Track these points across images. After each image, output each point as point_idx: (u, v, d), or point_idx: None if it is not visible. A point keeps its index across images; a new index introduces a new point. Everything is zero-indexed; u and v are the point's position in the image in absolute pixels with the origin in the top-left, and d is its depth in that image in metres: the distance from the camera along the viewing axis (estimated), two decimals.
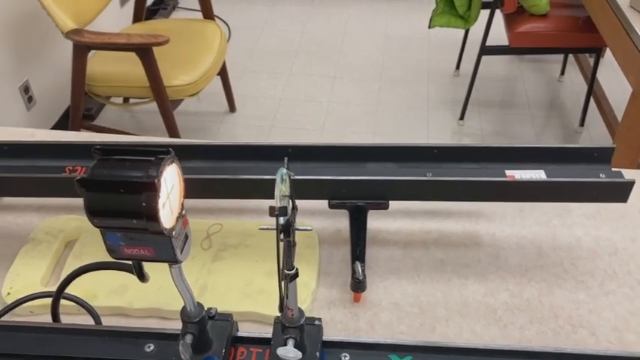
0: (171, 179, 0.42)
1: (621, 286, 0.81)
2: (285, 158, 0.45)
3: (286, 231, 0.43)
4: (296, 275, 0.46)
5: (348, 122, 2.60)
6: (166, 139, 0.88)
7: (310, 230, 0.46)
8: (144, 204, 0.39)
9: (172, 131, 2.12)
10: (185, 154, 0.85)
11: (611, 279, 0.82)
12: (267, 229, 0.43)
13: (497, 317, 0.78)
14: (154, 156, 0.41)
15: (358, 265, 0.78)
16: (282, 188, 0.42)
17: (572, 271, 0.83)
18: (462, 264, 0.85)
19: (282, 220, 0.42)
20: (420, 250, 0.87)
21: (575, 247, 0.87)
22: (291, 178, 0.44)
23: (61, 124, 2.47)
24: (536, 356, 0.58)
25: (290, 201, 0.43)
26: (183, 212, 0.44)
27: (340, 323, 0.78)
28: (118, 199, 0.40)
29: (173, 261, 0.44)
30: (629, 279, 0.82)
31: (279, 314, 0.52)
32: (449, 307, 0.79)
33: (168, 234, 0.42)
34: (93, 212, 0.41)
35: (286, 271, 0.45)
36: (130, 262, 0.47)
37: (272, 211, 0.41)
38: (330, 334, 0.76)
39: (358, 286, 0.77)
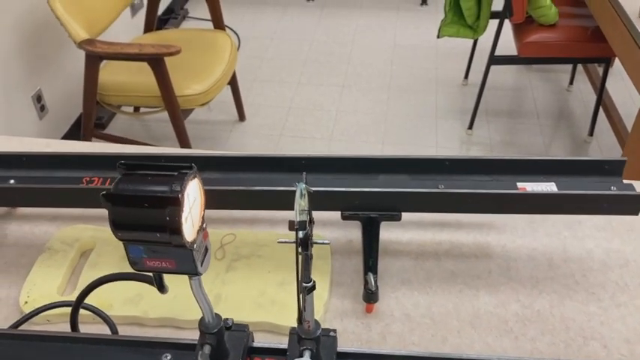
0: (193, 193, 0.43)
1: (633, 299, 0.81)
2: (304, 173, 0.46)
3: (304, 244, 0.44)
4: (313, 288, 0.47)
5: (357, 131, 2.61)
6: (180, 150, 0.90)
7: (328, 244, 0.46)
8: (167, 218, 0.40)
9: (183, 140, 2.14)
10: (198, 164, 0.86)
11: (622, 291, 0.82)
12: (286, 242, 0.44)
13: (509, 328, 0.78)
14: (177, 171, 0.42)
15: (371, 276, 0.78)
16: (301, 203, 0.43)
17: (584, 283, 0.84)
18: (473, 275, 0.85)
19: (301, 234, 0.43)
20: (431, 261, 0.87)
21: (586, 259, 0.87)
22: (310, 192, 0.44)
23: (73, 133, 2.50)
24: None
25: (307, 215, 0.44)
26: (204, 225, 0.45)
27: (352, 334, 0.78)
28: (142, 214, 0.41)
29: (194, 273, 0.45)
30: None
31: (292, 325, 0.53)
32: (460, 319, 0.79)
33: (190, 247, 0.43)
34: (118, 226, 0.42)
35: (304, 284, 0.46)
36: (149, 274, 0.48)
37: (292, 226, 0.42)
38: (342, 345, 0.77)
39: (371, 297, 0.78)
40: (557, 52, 2.27)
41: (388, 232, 0.92)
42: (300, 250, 0.44)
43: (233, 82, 2.45)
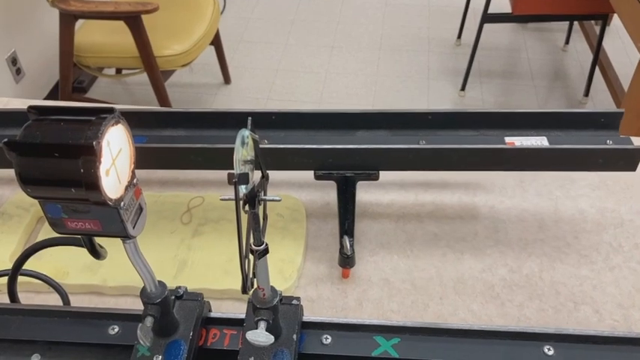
0: (117, 142, 0.37)
1: (627, 261, 0.76)
2: (249, 118, 0.39)
3: (251, 202, 0.37)
4: (266, 251, 0.41)
5: (347, 93, 2.53)
6: (139, 107, 0.83)
7: (279, 200, 0.40)
8: (82, 170, 0.34)
9: (164, 103, 2.06)
10: (162, 121, 0.80)
11: (616, 253, 0.77)
12: (228, 199, 0.38)
13: (495, 294, 0.73)
14: (96, 115, 0.35)
15: (346, 239, 0.72)
16: (243, 152, 0.36)
17: (575, 245, 0.78)
18: (457, 238, 0.80)
19: (243, 189, 0.36)
20: (413, 224, 0.82)
21: (578, 220, 0.82)
22: (256, 140, 0.38)
23: (52, 98, 2.41)
24: (535, 337, 0.53)
25: (254, 168, 0.38)
26: (135, 181, 0.39)
27: (327, 300, 0.73)
28: (52, 165, 0.34)
29: (124, 236, 0.39)
30: (636, 253, 0.77)
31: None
32: (443, 284, 0.74)
33: (115, 205, 0.36)
34: (25, 180, 0.35)
35: (254, 247, 0.40)
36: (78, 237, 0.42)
37: (230, 179, 0.35)
38: (316, 312, 0.72)
39: (346, 261, 0.72)
40: (553, 9, 2.18)
41: (368, 194, 0.86)
42: (246, 208, 0.38)
43: (217, 43, 2.35)
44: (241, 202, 0.38)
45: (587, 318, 0.70)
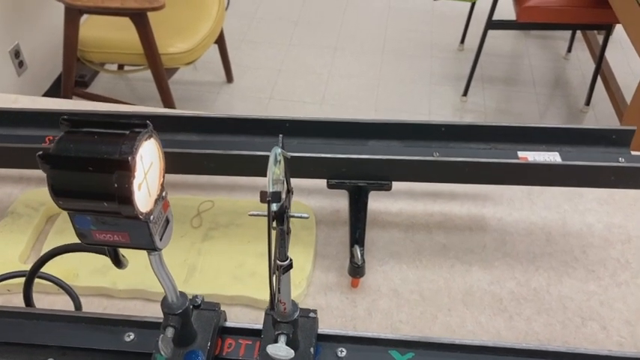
0: (149, 156, 0.37)
1: (635, 277, 0.77)
2: (281, 136, 0.39)
3: (279, 218, 0.38)
4: (290, 266, 0.41)
5: (349, 95, 2.53)
6: (153, 109, 0.83)
7: (307, 218, 0.40)
8: (116, 185, 0.34)
9: (167, 100, 2.06)
10: (175, 125, 0.79)
11: (624, 269, 0.78)
12: (258, 215, 0.38)
13: (503, 307, 0.73)
14: (130, 129, 0.36)
15: (357, 248, 0.73)
16: (275, 171, 0.36)
17: (583, 260, 0.79)
18: (465, 249, 0.80)
19: (274, 206, 0.37)
20: (422, 234, 0.82)
21: (586, 234, 0.82)
22: (287, 158, 0.38)
23: (54, 91, 2.40)
24: (546, 355, 0.53)
25: (284, 184, 0.38)
26: (164, 194, 0.39)
27: (337, 309, 0.73)
28: (86, 179, 0.34)
29: (151, 248, 0.39)
30: None
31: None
32: (451, 296, 0.74)
33: (145, 219, 0.37)
34: (58, 192, 0.35)
35: (279, 262, 0.40)
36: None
37: (263, 197, 0.36)
38: (325, 321, 0.72)
39: (356, 271, 0.73)
40: (557, 18, 2.19)
41: (377, 202, 0.86)
42: (274, 224, 0.38)
43: (220, 42, 2.35)
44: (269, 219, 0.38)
45: (595, 334, 0.70)
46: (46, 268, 0.65)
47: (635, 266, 0.78)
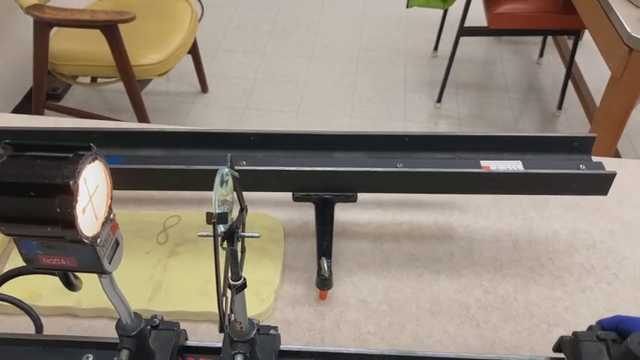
0: (94, 179, 0.36)
1: (599, 282, 0.78)
2: (229, 155, 0.39)
3: (230, 239, 0.37)
4: (244, 286, 0.41)
5: (325, 104, 2.54)
6: (116, 124, 0.82)
7: (258, 237, 0.40)
8: (58, 209, 0.33)
9: (140, 112, 2.04)
10: (139, 141, 0.79)
11: (588, 274, 0.79)
12: (206, 235, 0.38)
13: (470, 315, 0.74)
14: (73, 152, 0.35)
15: (324, 260, 0.73)
16: (222, 192, 0.36)
17: (549, 266, 0.80)
18: (433, 258, 0.80)
19: (222, 227, 0.36)
20: (390, 244, 0.82)
21: (552, 241, 0.83)
22: (236, 177, 0.38)
23: (25, 105, 2.37)
24: None
25: (238, 203, 0.38)
26: (112, 216, 0.39)
27: (305, 323, 0.73)
28: (28, 204, 0.34)
29: (100, 272, 0.38)
30: (607, 274, 0.79)
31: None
32: (419, 305, 0.75)
33: (92, 242, 0.36)
34: (1, 218, 0.35)
35: (232, 282, 0.40)
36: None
37: (209, 219, 0.35)
38: (293, 335, 0.72)
39: (324, 283, 0.73)
40: (527, 24, 2.22)
41: (345, 213, 0.86)
42: (224, 244, 0.38)
43: (194, 52, 2.34)
44: (220, 239, 0.38)
45: None
46: (10, 288, 0.64)
47: (599, 271, 0.79)
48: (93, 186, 0.36)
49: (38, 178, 0.34)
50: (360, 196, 0.77)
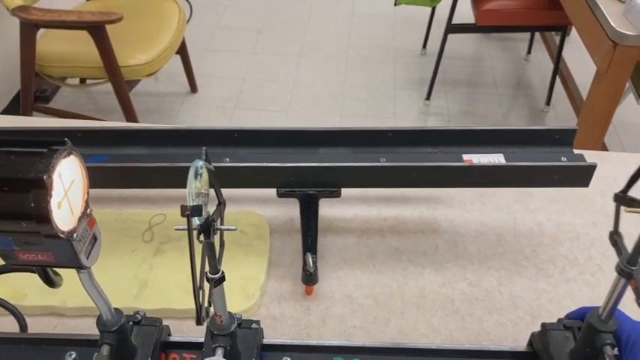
0: (69, 174, 0.36)
1: (582, 273, 0.78)
2: (204, 148, 0.39)
3: (206, 232, 0.38)
4: (222, 279, 0.41)
5: (314, 103, 2.54)
6: (100, 124, 0.82)
7: (234, 230, 0.40)
8: (32, 204, 0.34)
9: (128, 113, 2.04)
10: (122, 139, 0.79)
11: (572, 265, 0.79)
12: (182, 229, 0.38)
13: (455, 308, 0.74)
14: (47, 147, 0.35)
15: (309, 256, 0.73)
16: (196, 185, 0.36)
17: (533, 259, 0.80)
18: (418, 252, 0.81)
19: (197, 220, 0.37)
20: (375, 238, 0.83)
21: (536, 233, 0.84)
22: (211, 170, 0.38)
23: (13, 107, 2.36)
24: (492, 355, 0.54)
25: (208, 197, 0.38)
26: (89, 211, 0.39)
27: (291, 318, 0.73)
28: (2, 199, 0.34)
29: (77, 267, 0.39)
30: (590, 265, 0.79)
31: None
32: (404, 299, 0.75)
33: (68, 237, 0.36)
34: None
35: (210, 275, 0.40)
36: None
37: (183, 211, 0.36)
38: (279, 330, 0.72)
39: (309, 278, 0.73)
40: (514, 20, 2.23)
41: (331, 209, 0.87)
42: (201, 237, 0.38)
43: (183, 52, 2.34)
44: (196, 232, 0.38)
45: None
46: None
47: (582, 262, 0.79)
48: (68, 181, 0.36)
49: (12, 172, 0.34)
50: (346, 191, 0.77)
